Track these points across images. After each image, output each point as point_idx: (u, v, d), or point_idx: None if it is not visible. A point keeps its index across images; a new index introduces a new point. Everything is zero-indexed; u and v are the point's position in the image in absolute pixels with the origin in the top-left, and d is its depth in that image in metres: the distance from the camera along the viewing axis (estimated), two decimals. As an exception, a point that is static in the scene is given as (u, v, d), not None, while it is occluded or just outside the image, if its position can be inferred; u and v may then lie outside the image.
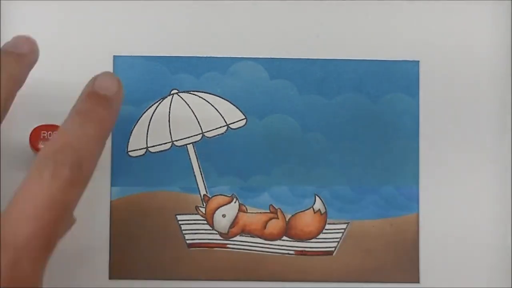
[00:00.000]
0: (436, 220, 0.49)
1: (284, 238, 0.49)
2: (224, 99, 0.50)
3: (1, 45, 0.48)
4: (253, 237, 0.49)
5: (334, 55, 0.50)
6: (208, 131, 0.49)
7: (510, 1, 0.51)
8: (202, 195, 0.49)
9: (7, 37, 0.47)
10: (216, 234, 0.49)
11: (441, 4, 0.50)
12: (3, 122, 0.41)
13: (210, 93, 0.50)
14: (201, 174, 0.49)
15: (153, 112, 0.49)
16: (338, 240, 0.49)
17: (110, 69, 0.49)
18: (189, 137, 0.49)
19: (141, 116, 0.49)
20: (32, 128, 0.46)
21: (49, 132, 0.45)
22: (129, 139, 0.49)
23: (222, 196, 0.49)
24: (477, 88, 0.50)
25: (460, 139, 0.50)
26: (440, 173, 0.50)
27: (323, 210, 0.49)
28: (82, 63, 0.49)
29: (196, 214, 0.49)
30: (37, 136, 0.45)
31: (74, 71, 0.49)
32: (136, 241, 0.49)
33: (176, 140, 0.49)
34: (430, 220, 0.49)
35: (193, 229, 0.49)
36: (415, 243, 0.49)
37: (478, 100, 0.50)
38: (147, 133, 0.49)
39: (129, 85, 0.49)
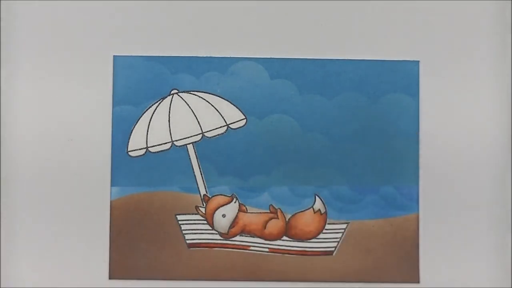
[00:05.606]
0: (436, 220, 0.49)
1: (284, 238, 0.49)
2: (224, 99, 0.50)
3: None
4: (253, 237, 0.49)
5: (334, 55, 0.50)
6: (208, 131, 0.49)
7: (510, 1, 0.51)
8: (202, 195, 0.49)
9: (7, 37, 0.47)
10: (216, 234, 0.49)
11: (441, 4, 0.50)
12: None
13: (210, 93, 0.50)
14: (201, 174, 0.49)
15: (153, 112, 0.49)
16: (338, 240, 0.49)
17: (110, 69, 0.49)
18: (189, 137, 0.49)
19: (141, 116, 0.49)
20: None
21: None
22: (129, 139, 0.49)
23: (222, 196, 0.49)
24: (477, 88, 0.50)
25: (460, 140, 0.50)
26: (440, 173, 0.50)
27: (323, 210, 0.49)
28: (82, 63, 0.49)
29: (196, 214, 0.49)
30: None
31: (75, 71, 0.49)
32: (136, 241, 0.49)
33: (176, 140, 0.49)
34: (430, 220, 0.49)
35: (193, 229, 0.49)
36: (415, 243, 0.49)
37: (478, 100, 0.50)
38: (147, 133, 0.49)
39: (129, 85, 0.49)
